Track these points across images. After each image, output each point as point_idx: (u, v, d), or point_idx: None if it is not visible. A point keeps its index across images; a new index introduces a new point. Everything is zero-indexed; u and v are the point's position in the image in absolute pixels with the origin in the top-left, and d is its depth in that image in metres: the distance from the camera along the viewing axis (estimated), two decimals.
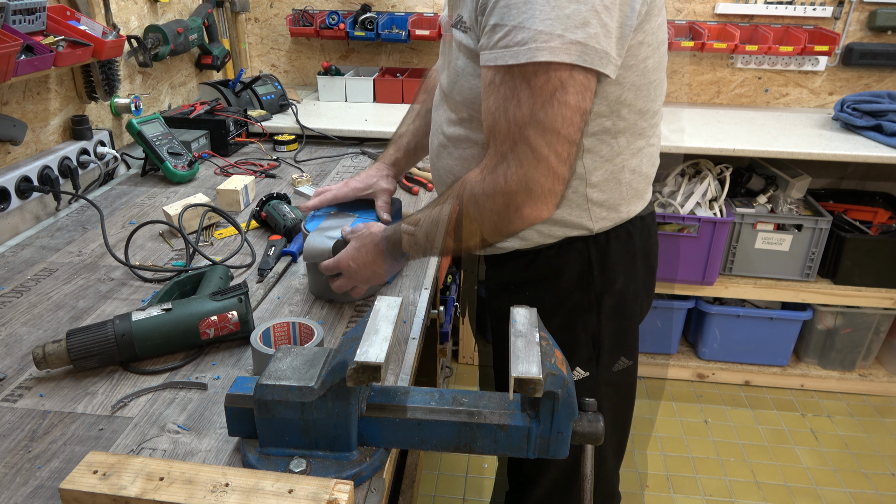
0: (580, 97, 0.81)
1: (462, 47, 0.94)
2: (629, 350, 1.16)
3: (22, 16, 1.32)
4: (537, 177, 0.83)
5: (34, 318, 1.05)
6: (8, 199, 1.34)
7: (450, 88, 1.00)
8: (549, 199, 0.85)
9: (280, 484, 0.67)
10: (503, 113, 0.83)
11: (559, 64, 0.78)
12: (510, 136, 0.83)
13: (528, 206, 0.85)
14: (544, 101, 0.80)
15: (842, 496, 2.04)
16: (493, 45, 0.82)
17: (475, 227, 0.90)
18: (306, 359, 0.76)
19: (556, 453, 0.75)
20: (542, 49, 0.77)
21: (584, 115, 0.82)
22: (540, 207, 0.85)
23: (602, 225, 1.02)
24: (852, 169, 2.61)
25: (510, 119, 0.82)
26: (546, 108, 0.80)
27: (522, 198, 0.84)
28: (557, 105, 0.80)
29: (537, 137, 0.81)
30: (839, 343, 2.46)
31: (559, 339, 1.03)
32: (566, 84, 0.79)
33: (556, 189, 0.85)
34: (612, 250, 1.04)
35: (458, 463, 2.16)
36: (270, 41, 2.65)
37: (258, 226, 1.40)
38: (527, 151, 0.82)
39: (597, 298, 1.06)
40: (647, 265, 1.12)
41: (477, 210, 0.88)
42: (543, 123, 0.80)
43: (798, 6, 2.39)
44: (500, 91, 0.83)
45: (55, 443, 0.80)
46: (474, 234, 0.91)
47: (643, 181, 1.04)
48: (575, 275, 1.05)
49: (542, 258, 1.05)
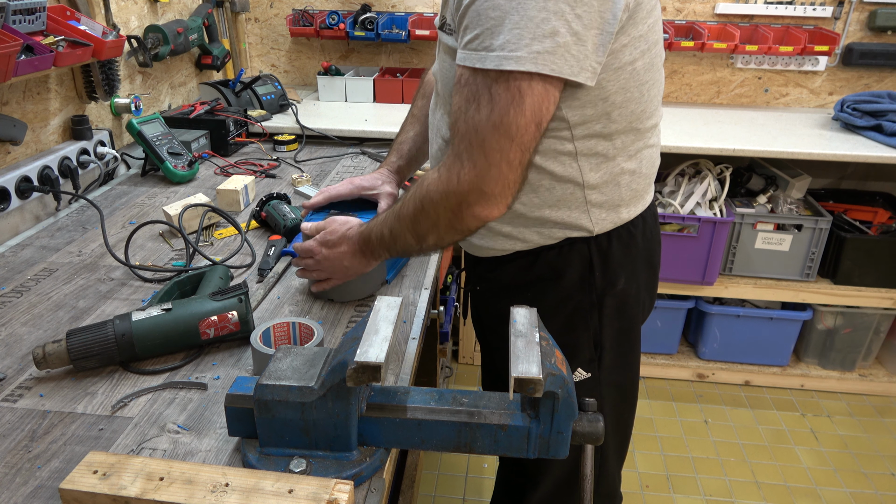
0: (536, 107, 0.82)
1: (448, 50, 0.94)
2: (631, 351, 1.15)
3: (22, 16, 1.32)
4: (488, 180, 0.85)
5: (34, 318, 1.05)
6: (8, 199, 1.34)
7: (444, 91, 1.01)
8: (499, 201, 0.87)
9: (280, 484, 0.67)
10: (463, 113, 0.85)
11: (522, 73, 0.79)
12: (467, 137, 0.84)
13: (479, 205, 0.87)
14: (502, 109, 0.81)
15: (842, 496, 2.04)
16: (464, 45, 0.84)
17: (430, 224, 0.92)
18: (306, 359, 0.76)
19: (556, 453, 0.75)
20: (508, 58, 0.79)
21: (540, 125, 0.84)
22: (491, 208, 0.88)
23: (602, 226, 1.02)
24: (852, 169, 2.61)
25: (468, 121, 0.84)
26: (503, 116, 0.81)
27: (474, 197, 0.86)
28: (514, 113, 0.81)
29: (491, 142, 0.83)
30: (839, 343, 2.46)
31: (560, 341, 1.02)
32: (524, 93, 0.81)
33: (507, 193, 0.87)
34: (614, 251, 1.04)
35: (458, 463, 2.16)
36: (270, 41, 2.65)
37: (258, 226, 1.40)
38: (480, 154, 0.84)
39: (598, 299, 1.06)
40: (649, 266, 1.12)
41: (433, 207, 0.90)
42: (499, 129, 0.82)
43: (798, 6, 2.39)
44: (463, 91, 0.84)
45: (55, 443, 0.80)
46: (431, 230, 0.93)
47: (643, 182, 1.04)
48: (576, 276, 1.05)
49: (542, 259, 1.05)
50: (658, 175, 1.29)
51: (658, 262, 1.16)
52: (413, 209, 0.93)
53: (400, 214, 0.96)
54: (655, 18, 0.92)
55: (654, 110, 0.99)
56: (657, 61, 0.95)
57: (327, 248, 1.05)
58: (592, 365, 1.10)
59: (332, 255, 1.05)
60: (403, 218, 0.95)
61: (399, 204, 0.97)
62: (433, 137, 1.11)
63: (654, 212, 1.13)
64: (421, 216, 0.92)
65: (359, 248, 1.03)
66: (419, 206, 0.92)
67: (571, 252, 1.04)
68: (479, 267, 1.16)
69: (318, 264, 1.07)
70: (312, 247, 1.06)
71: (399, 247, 0.99)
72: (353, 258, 1.04)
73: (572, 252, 1.04)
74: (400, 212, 0.96)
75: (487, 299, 1.18)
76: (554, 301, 1.06)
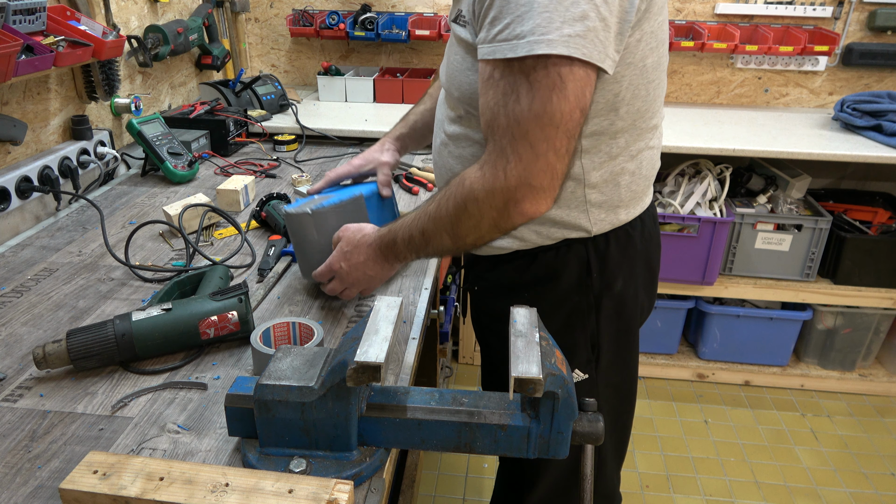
0: (579, 91, 0.80)
1: (461, 42, 0.92)
2: (629, 352, 1.15)
3: (22, 16, 1.32)
4: (536, 172, 0.82)
5: (34, 318, 1.05)
6: (8, 199, 1.34)
7: (448, 84, 0.99)
8: (548, 194, 0.85)
9: (280, 484, 0.67)
10: (502, 108, 0.82)
11: (558, 57, 0.77)
12: (509, 130, 0.82)
13: (528, 201, 0.85)
14: (543, 96, 0.79)
15: (842, 496, 2.04)
16: (492, 38, 0.81)
17: (473, 224, 0.89)
18: (306, 359, 0.76)
19: (556, 453, 0.75)
20: (539, 42, 0.76)
21: (583, 110, 0.82)
22: (539, 202, 0.85)
23: (601, 227, 1.02)
24: (852, 169, 2.61)
25: (509, 113, 0.81)
26: (545, 103, 0.79)
27: (522, 193, 0.84)
28: (556, 99, 0.79)
29: (536, 132, 0.80)
30: (839, 343, 2.46)
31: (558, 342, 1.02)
32: (565, 78, 0.78)
33: (555, 184, 0.85)
34: (612, 252, 1.04)
35: (458, 463, 2.16)
36: (270, 41, 2.65)
37: (258, 226, 1.40)
38: (526, 147, 0.81)
39: (595, 301, 1.05)
40: (647, 268, 1.12)
41: (476, 207, 0.87)
42: (542, 118, 0.80)
43: (798, 6, 2.39)
44: (499, 86, 0.82)
45: (55, 443, 0.80)
46: (472, 231, 0.90)
47: (643, 183, 1.04)
48: (573, 277, 1.04)
49: (540, 260, 1.05)
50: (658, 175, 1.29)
51: (657, 264, 1.16)
52: (454, 209, 0.90)
53: (437, 216, 0.92)
54: (664, 17, 0.92)
55: (657, 110, 0.99)
56: (663, 61, 0.95)
57: (346, 263, 1.02)
58: (590, 366, 1.10)
59: (353, 268, 1.02)
60: (441, 219, 0.92)
61: (433, 204, 0.93)
62: (437, 131, 1.10)
63: (654, 214, 1.13)
64: (463, 216, 0.89)
65: (381, 254, 1.00)
66: (461, 205, 0.89)
67: (569, 254, 1.03)
68: (477, 266, 1.16)
69: (342, 281, 1.04)
70: (332, 265, 1.04)
71: (432, 248, 0.96)
72: (375, 265, 1.02)
73: (570, 253, 1.03)
74: (437, 213, 0.92)
75: (486, 299, 1.17)
76: (551, 302, 1.06)
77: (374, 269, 1.02)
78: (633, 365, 1.18)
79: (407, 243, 0.97)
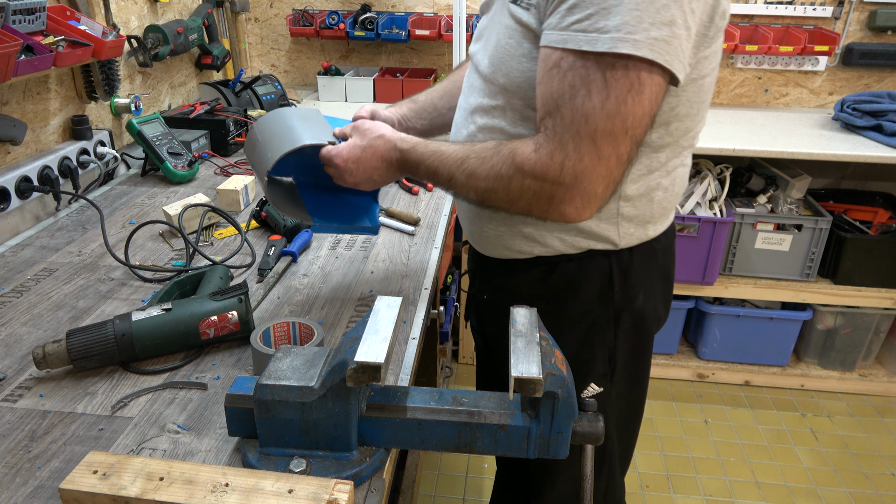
0: (654, 98, 0.76)
1: (520, 25, 0.85)
2: (643, 365, 1.12)
3: (22, 16, 1.32)
4: (594, 176, 0.78)
5: (34, 318, 1.05)
6: (8, 199, 1.34)
7: (492, 70, 0.91)
8: (596, 203, 0.81)
9: (280, 484, 0.67)
10: (569, 100, 0.77)
11: (640, 59, 0.73)
12: (574, 125, 0.77)
13: (574, 204, 0.80)
14: (619, 96, 0.74)
15: (842, 496, 2.04)
16: (567, 26, 0.76)
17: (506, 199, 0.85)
18: (306, 359, 0.76)
19: (556, 453, 0.75)
20: (625, 40, 0.72)
21: (652, 119, 0.78)
22: (584, 209, 0.81)
23: (628, 241, 0.98)
24: (852, 169, 2.61)
25: (577, 108, 0.76)
26: (619, 104, 0.74)
27: (572, 194, 0.79)
28: (632, 102, 0.74)
29: (604, 133, 0.76)
30: (839, 343, 2.46)
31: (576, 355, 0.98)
32: (644, 82, 0.74)
33: (607, 195, 0.81)
34: (635, 267, 1.00)
35: (458, 463, 2.16)
36: (270, 41, 2.65)
37: (258, 226, 1.40)
38: (590, 146, 0.77)
39: (615, 314, 1.02)
40: (665, 282, 1.09)
41: (518, 187, 0.82)
42: (614, 118, 0.75)
43: (798, 6, 2.39)
44: (567, 76, 0.77)
45: (55, 443, 0.80)
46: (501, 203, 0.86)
47: (673, 200, 1.00)
48: (595, 290, 1.00)
49: (560, 271, 1.00)
50: None
51: (673, 274, 1.13)
52: (493, 178, 0.84)
53: (472, 173, 0.86)
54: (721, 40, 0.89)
55: (698, 131, 0.96)
56: (713, 83, 0.91)
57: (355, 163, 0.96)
58: (605, 379, 1.06)
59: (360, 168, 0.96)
60: (475, 177, 0.86)
61: (473, 159, 0.87)
62: (462, 122, 1.02)
63: (673, 227, 1.10)
64: (499, 188, 0.84)
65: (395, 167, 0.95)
66: (503, 178, 0.83)
67: (591, 265, 0.99)
68: (488, 272, 1.10)
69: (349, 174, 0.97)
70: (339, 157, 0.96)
71: (450, 191, 0.91)
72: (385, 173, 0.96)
73: (592, 265, 0.99)
74: (473, 171, 0.86)
75: (497, 310, 1.09)
76: (571, 315, 1.02)
77: (381, 176, 0.97)
78: (645, 377, 1.15)
79: (428, 174, 0.92)
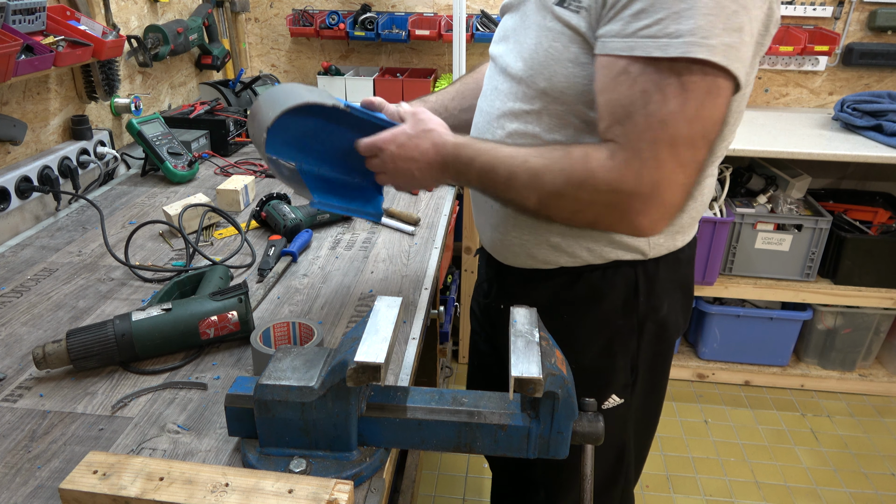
0: (726, 104, 0.74)
1: (568, 28, 0.82)
2: (663, 375, 1.11)
3: (22, 16, 1.32)
4: (673, 185, 0.75)
5: (34, 318, 1.05)
6: (8, 199, 1.34)
7: (530, 73, 0.87)
8: (671, 213, 0.77)
9: (280, 484, 0.67)
10: (642, 107, 0.74)
11: (713, 65, 0.71)
12: (650, 131, 0.74)
13: (650, 216, 0.77)
14: (698, 100, 0.72)
15: (842, 496, 2.04)
16: (632, 32, 0.73)
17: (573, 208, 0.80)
18: (306, 359, 0.76)
19: (556, 453, 0.75)
20: (700, 45, 0.70)
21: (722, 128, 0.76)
22: (659, 221, 0.77)
23: (657, 251, 0.97)
24: (852, 169, 2.61)
25: (651, 114, 0.73)
26: (699, 109, 0.72)
27: (649, 205, 0.76)
28: (711, 106, 0.72)
29: (684, 138, 0.73)
30: (839, 343, 2.46)
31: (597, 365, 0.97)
32: (720, 88, 0.72)
33: (682, 204, 0.77)
34: (661, 276, 0.98)
35: (458, 463, 2.16)
36: (270, 41, 2.65)
37: (258, 226, 1.40)
38: (668, 152, 0.73)
39: (639, 324, 1.00)
40: (686, 291, 1.08)
41: (589, 195, 0.78)
42: (695, 123, 0.73)
43: (798, 6, 2.39)
44: (636, 83, 0.74)
45: (55, 443, 0.80)
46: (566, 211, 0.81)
47: (700, 210, 1.00)
48: (619, 299, 0.98)
49: (584, 280, 0.98)
50: None
51: (693, 284, 1.11)
52: (562, 181, 0.79)
53: (537, 173, 0.81)
54: None
55: (731, 142, 0.94)
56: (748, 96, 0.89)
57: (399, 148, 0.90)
58: (626, 390, 1.05)
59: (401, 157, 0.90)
60: (540, 179, 0.81)
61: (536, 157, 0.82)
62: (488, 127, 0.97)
63: (696, 237, 1.08)
64: (568, 194, 0.80)
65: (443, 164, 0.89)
66: (574, 183, 0.79)
67: (616, 274, 0.97)
68: (506, 282, 1.07)
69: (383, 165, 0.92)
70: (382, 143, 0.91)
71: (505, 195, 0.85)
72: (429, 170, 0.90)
73: (617, 275, 0.97)
74: (539, 170, 0.81)
75: None
76: (594, 324, 1.00)
77: (423, 173, 0.91)
78: (663, 388, 1.14)
79: (482, 172, 0.86)
